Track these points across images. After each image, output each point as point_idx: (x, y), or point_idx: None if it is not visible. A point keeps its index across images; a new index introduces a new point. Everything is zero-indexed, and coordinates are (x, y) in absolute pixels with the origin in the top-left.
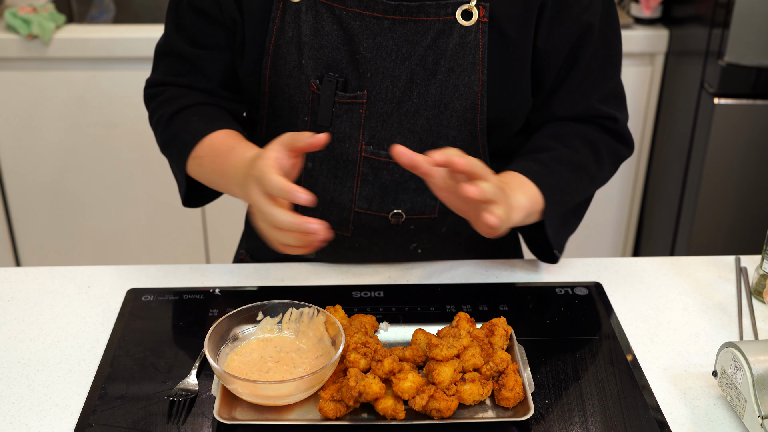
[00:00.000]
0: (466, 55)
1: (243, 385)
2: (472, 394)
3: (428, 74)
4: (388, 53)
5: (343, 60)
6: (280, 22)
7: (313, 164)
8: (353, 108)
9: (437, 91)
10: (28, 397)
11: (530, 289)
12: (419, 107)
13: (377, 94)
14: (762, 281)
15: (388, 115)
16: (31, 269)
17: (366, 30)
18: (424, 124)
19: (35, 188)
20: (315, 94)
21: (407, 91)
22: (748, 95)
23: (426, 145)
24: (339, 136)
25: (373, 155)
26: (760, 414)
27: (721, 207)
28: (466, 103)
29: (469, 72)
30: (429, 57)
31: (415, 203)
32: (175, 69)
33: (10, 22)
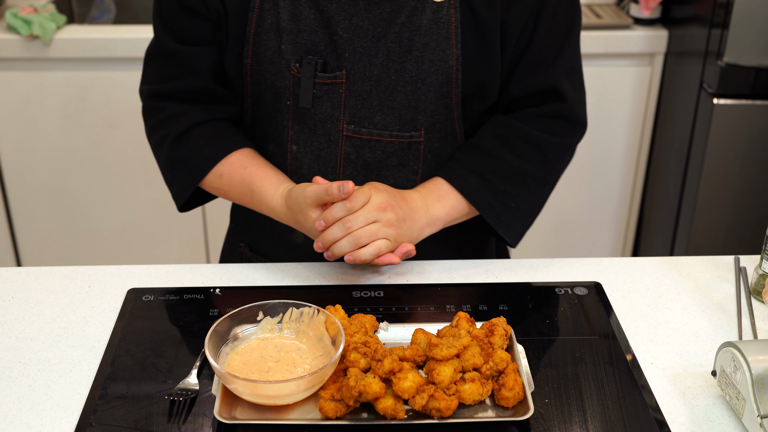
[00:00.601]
0: (439, 31)
1: (243, 385)
2: (472, 394)
3: (404, 51)
4: (365, 33)
5: (321, 42)
6: (259, 11)
7: (298, 147)
8: (333, 88)
9: (414, 67)
10: (28, 396)
11: (530, 289)
12: (397, 84)
13: (356, 73)
14: (761, 281)
15: (367, 93)
16: (32, 269)
17: (342, 11)
18: (403, 100)
19: (36, 188)
20: (295, 77)
21: (385, 69)
22: (747, 95)
23: (405, 120)
24: (320, 116)
25: (354, 134)
26: (759, 413)
27: (720, 207)
28: (442, 77)
29: (443, 47)
30: (404, 34)
31: (397, 179)
32: (167, 72)
33: (11, 23)
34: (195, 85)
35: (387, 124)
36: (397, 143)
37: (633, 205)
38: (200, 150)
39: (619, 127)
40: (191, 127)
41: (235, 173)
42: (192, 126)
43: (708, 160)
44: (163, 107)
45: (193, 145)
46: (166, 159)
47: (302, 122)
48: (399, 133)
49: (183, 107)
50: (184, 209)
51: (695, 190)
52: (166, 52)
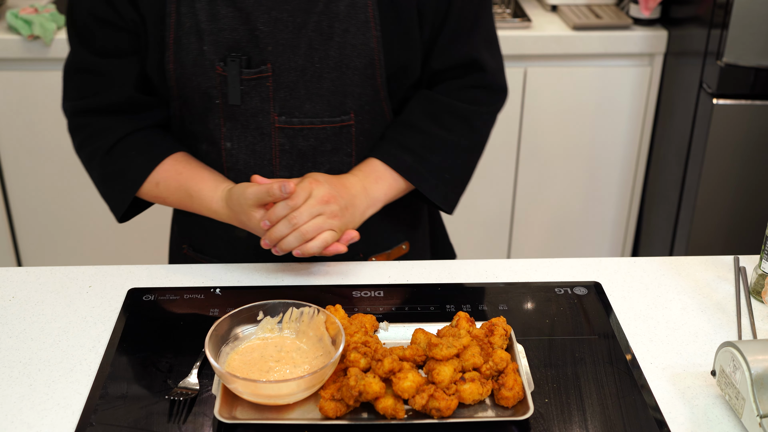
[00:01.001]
0: (357, 15)
1: (244, 385)
2: (472, 394)
3: (325, 39)
4: (285, 25)
5: (242, 39)
6: (177, 15)
7: (231, 144)
8: (260, 83)
9: (336, 53)
10: (29, 396)
11: (530, 289)
12: (322, 71)
13: (281, 65)
14: (761, 281)
15: (294, 83)
16: (33, 269)
17: (260, 6)
18: (330, 86)
19: (37, 188)
20: (221, 76)
21: (309, 58)
22: (747, 96)
23: (334, 106)
24: (251, 111)
25: (286, 124)
26: (759, 413)
27: (719, 207)
28: (365, 60)
29: (363, 30)
30: (324, 22)
31: (333, 163)
32: (88, 87)
33: (12, 23)
34: (117, 97)
35: (317, 112)
36: (329, 129)
37: (633, 205)
38: (132, 161)
39: (618, 127)
40: (120, 140)
41: (171, 180)
42: (120, 138)
43: (707, 160)
44: (89, 123)
45: (124, 157)
46: (99, 174)
47: (234, 119)
48: (330, 119)
49: (108, 120)
50: (124, 220)
51: (695, 190)
52: (85, 66)
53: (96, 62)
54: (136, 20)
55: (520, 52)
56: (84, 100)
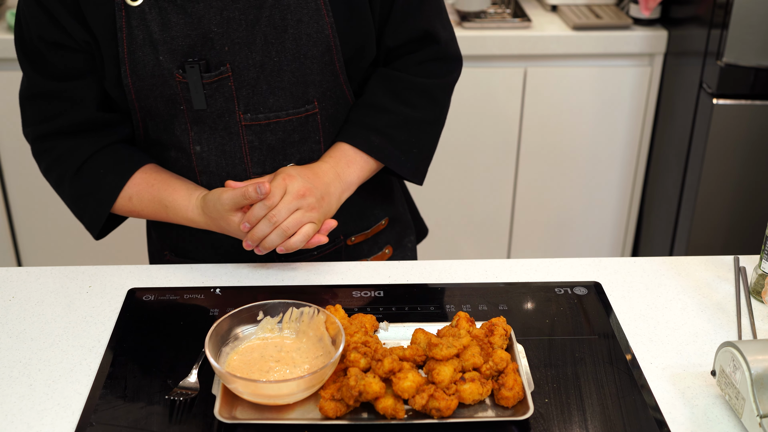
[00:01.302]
0: (308, 4)
1: (244, 385)
2: (472, 394)
3: (280, 32)
4: (238, 23)
5: (197, 44)
6: (128, 29)
7: (201, 147)
8: (222, 84)
9: (293, 44)
10: (29, 396)
11: (530, 289)
12: (281, 64)
13: (239, 64)
14: (760, 281)
15: (255, 80)
16: (33, 269)
17: (210, 9)
18: (290, 78)
19: (37, 188)
20: (182, 83)
21: (266, 53)
22: (747, 96)
23: (297, 97)
24: (217, 113)
25: (252, 121)
26: (759, 413)
27: (719, 207)
28: (322, 47)
29: (316, 18)
30: (276, 16)
31: (303, 153)
32: (47, 111)
33: (12, 23)
34: (79, 117)
35: (281, 105)
36: (295, 120)
37: (633, 205)
38: (102, 179)
39: (618, 127)
40: (87, 159)
41: (143, 193)
42: (88, 158)
43: (707, 160)
44: (53, 146)
45: (93, 176)
46: (70, 196)
47: (200, 122)
48: (294, 111)
49: (73, 142)
50: (101, 236)
51: (695, 190)
52: (41, 91)
53: (52, 86)
54: (87, 40)
55: (520, 52)
56: (45, 124)
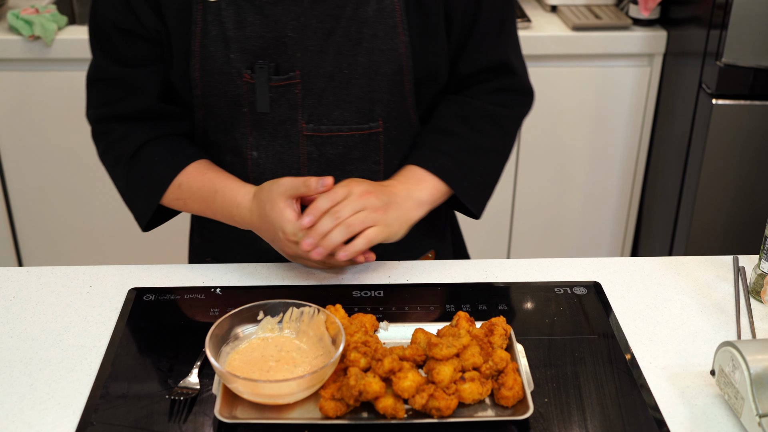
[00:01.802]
0: (386, 20)
1: (244, 384)
2: (472, 393)
3: (354, 44)
4: (314, 31)
5: (270, 46)
6: (203, 24)
7: (258, 153)
8: (289, 89)
9: (365, 59)
10: (30, 395)
11: (529, 289)
12: (351, 77)
13: (309, 72)
14: (760, 281)
15: (322, 90)
16: (33, 269)
17: (288, 13)
18: (358, 92)
19: (37, 188)
20: (249, 84)
21: (337, 64)
22: (746, 96)
23: (363, 113)
24: (279, 119)
25: (314, 132)
26: (758, 413)
27: (719, 207)
28: (394, 65)
29: (391, 35)
30: (352, 27)
31: (361, 171)
32: (110, 96)
33: (13, 24)
34: (141, 105)
35: (345, 119)
36: (358, 136)
37: (632, 205)
38: (155, 166)
39: (618, 127)
40: (143, 145)
41: (194, 180)
42: (143, 144)
43: (707, 160)
44: (112, 129)
45: (148, 162)
46: (123, 180)
47: (261, 127)
48: (358, 126)
49: (132, 127)
50: (148, 228)
51: (694, 190)
52: (107, 75)
53: (118, 71)
54: (159, 29)
55: None
56: (106, 108)
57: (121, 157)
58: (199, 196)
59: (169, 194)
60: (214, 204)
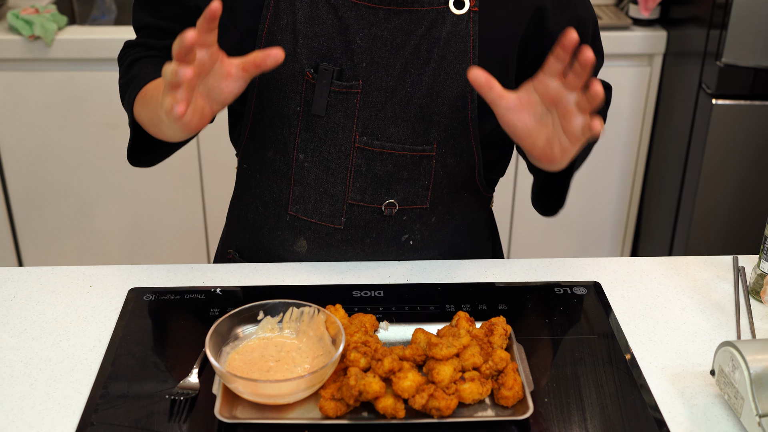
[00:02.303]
0: (458, 44)
1: (244, 384)
2: (472, 393)
3: (422, 63)
4: (383, 43)
5: (337, 49)
6: (275, 9)
7: (305, 156)
8: (348, 98)
9: (430, 79)
10: (30, 395)
11: (529, 289)
12: (412, 96)
13: (372, 83)
14: (759, 281)
15: (382, 104)
16: (33, 269)
17: (362, 20)
18: (417, 112)
19: (37, 188)
20: (309, 83)
21: (401, 80)
22: (746, 96)
23: (418, 133)
24: (332, 126)
25: (366, 146)
26: (758, 413)
27: (718, 207)
28: (458, 90)
29: (460, 60)
30: (423, 46)
31: (407, 193)
32: (151, 35)
33: (13, 23)
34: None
35: (400, 137)
36: (409, 156)
37: (632, 205)
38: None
39: (618, 127)
40: (145, 57)
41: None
42: (147, 56)
43: (707, 160)
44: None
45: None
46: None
47: (312, 130)
48: (411, 147)
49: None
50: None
51: (694, 190)
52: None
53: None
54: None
55: None
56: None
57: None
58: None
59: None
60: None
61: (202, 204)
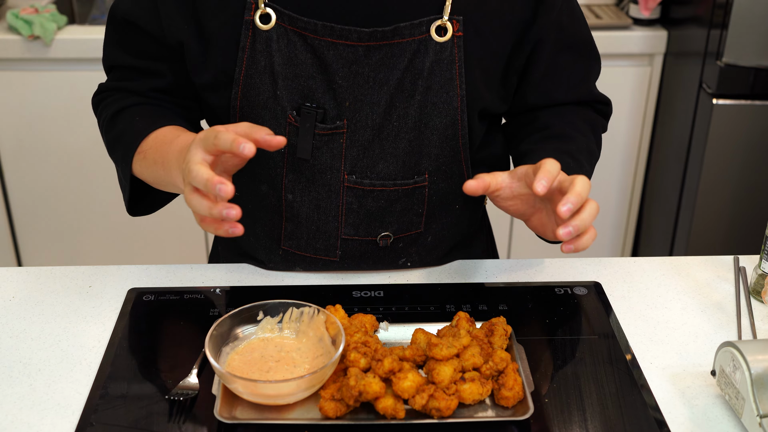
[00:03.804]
0: (442, 72)
1: (244, 385)
2: (472, 394)
3: (407, 96)
4: (365, 80)
5: (319, 89)
6: (251, 51)
7: (294, 196)
8: (333, 138)
9: (416, 112)
10: (29, 396)
11: (530, 289)
12: (400, 131)
13: (357, 122)
14: (760, 281)
15: (369, 142)
16: (33, 269)
17: (341, 59)
18: (406, 146)
19: (37, 188)
20: (292, 126)
21: (387, 116)
22: (747, 96)
23: (409, 167)
24: (320, 167)
25: (356, 185)
26: (759, 413)
27: (719, 207)
28: (447, 119)
29: (447, 88)
30: (407, 79)
31: (401, 223)
32: (126, 76)
33: (12, 23)
34: (155, 84)
35: (390, 173)
36: (401, 191)
37: (632, 205)
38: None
39: (618, 127)
40: (129, 106)
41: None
42: (130, 105)
43: (707, 160)
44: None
45: (126, 122)
46: (106, 145)
47: (299, 171)
48: (403, 181)
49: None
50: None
51: (694, 190)
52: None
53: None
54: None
55: None
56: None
57: (105, 119)
58: (161, 143)
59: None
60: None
61: None
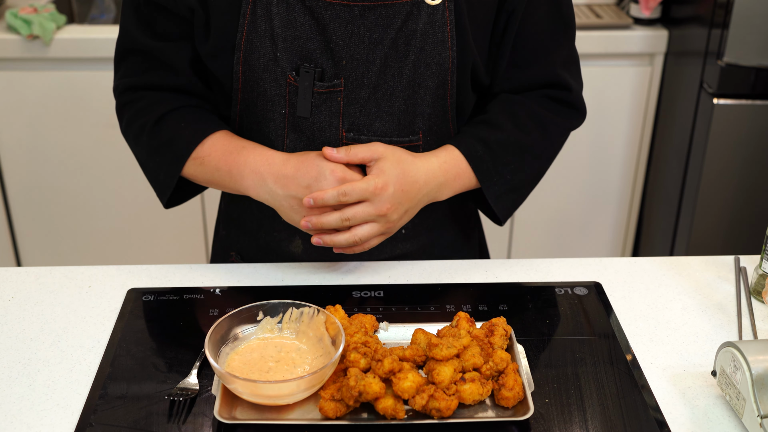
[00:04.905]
0: (435, 34)
1: (243, 385)
2: (472, 394)
3: (401, 56)
4: (361, 40)
5: (317, 50)
6: (251, 17)
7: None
8: (331, 97)
9: (410, 71)
10: (29, 396)
11: (530, 289)
12: (395, 89)
13: (354, 80)
14: (761, 281)
15: (365, 100)
16: (32, 269)
17: (338, 19)
18: (401, 105)
19: (36, 188)
20: (292, 86)
21: (382, 75)
22: (747, 95)
23: (404, 126)
24: (319, 125)
25: (354, 141)
26: (759, 413)
27: (720, 207)
28: (438, 80)
29: (439, 50)
30: (400, 39)
31: None
32: (141, 67)
33: (11, 23)
34: (172, 80)
35: (386, 131)
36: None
37: (633, 204)
38: (183, 130)
39: (619, 127)
40: (170, 111)
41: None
42: (171, 110)
43: (708, 159)
44: (142, 96)
45: (175, 127)
46: (146, 149)
47: (299, 131)
48: (398, 139)
49: (160, 95)
50: (170, 204)
51: (695, 189)
52: (137, 47)
53: (149, 44)
54: (192, 8)
55: None
56: (137, 77)
57: (146, 125)
58: (224, 152)
59: (191, 160)
60: (239, 158)
61: (201, 204)
